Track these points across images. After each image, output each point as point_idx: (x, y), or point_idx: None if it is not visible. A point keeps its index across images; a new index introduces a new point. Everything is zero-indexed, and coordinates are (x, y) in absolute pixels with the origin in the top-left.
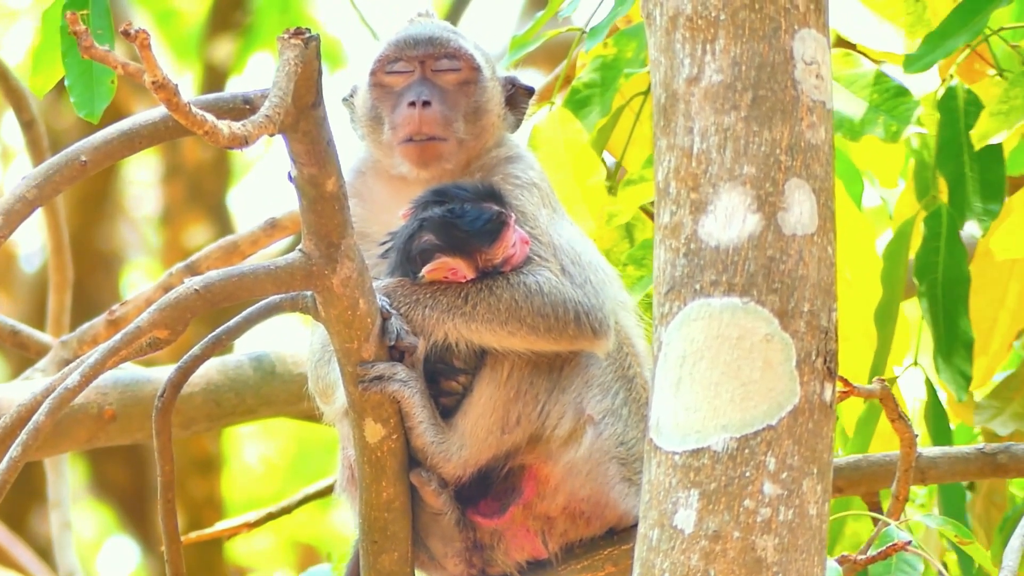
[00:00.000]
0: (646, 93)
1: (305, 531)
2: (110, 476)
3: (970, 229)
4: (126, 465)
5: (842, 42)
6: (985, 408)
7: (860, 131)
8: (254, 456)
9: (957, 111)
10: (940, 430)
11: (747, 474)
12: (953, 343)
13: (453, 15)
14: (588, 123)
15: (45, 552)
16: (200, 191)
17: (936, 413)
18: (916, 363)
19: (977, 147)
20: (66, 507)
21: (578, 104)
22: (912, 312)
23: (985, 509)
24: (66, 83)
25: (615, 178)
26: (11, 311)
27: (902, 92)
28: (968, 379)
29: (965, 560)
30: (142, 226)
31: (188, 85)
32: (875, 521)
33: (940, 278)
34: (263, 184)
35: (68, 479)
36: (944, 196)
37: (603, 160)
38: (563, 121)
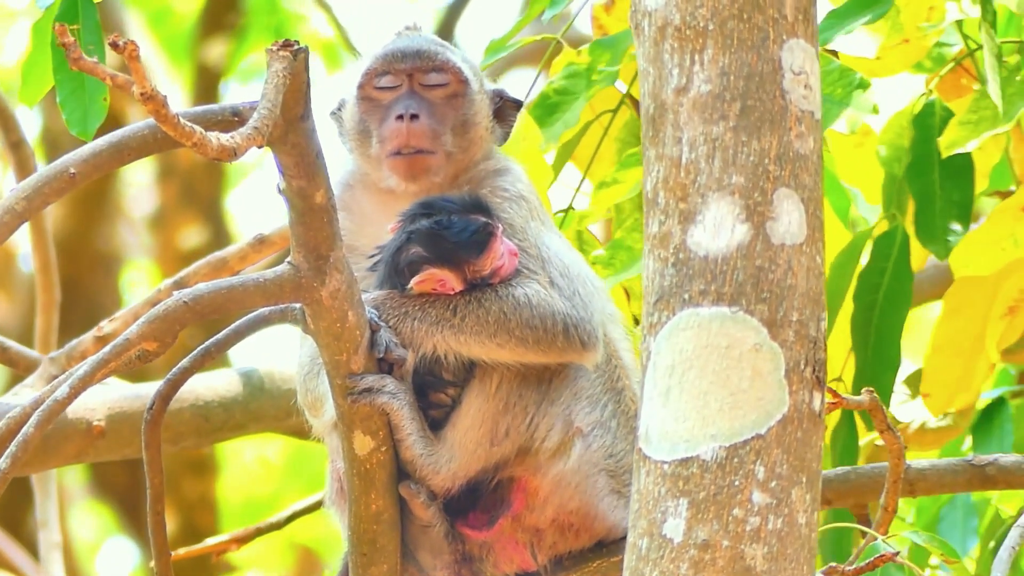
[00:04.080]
0: (615, 111)
1: (301, 533)
2: (109, 477)
3: (933, 259)
4: (125, 466)
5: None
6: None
7: (823, 125)
8: (250, 456)
9: (932, 128)
10: (848, 449)
11: (736, 483)
12: (879, 369)
13: (446, 26)
14: (555, 131)
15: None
16: (194, 193)
17: (848, 433)
18: (840, 379)
19: (944, 155)
20: (54, 527)
21: (547, 110)
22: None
23: None
24: (58, 100)
25: (576, 192)
26: (8, 311)
27: (864, 84)
28: (886, 404)
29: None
30: (140, 227)
31: (181, 87)
32: (863, 533)
33: (880, 301)
34: (259, 186)
35: (56, 499)
36: (910, 213)
37: (579, 169)
38: (524, 128)
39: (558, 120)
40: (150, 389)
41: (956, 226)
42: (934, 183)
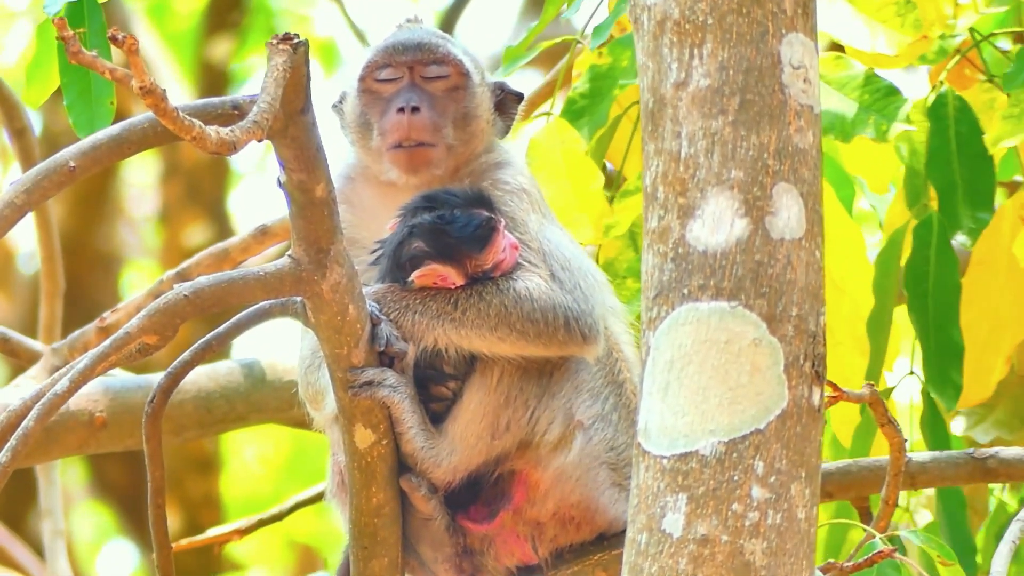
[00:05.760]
0: None
1: (302, 530)
2: (109, 478)
3: (961, 239)
4: (125, 467)
5: (834, 45)
6: (967, 415)
7: (851, 132)
8: (252, 454)
9: (947, 118)
10: (938, 439)
11: (735, 478)
12: (943, 354)
13: (449, 19)
14: (584, 134)
15: (43, 551)
16: (198, 191)
17: (934, 421)
18: (912, 372)
19: (991, 151)
20: (58, 515)
21: (574, 115)
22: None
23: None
24: (65, 103)
25: (616, 187)
26: (8, 311)
27: (892, 91)
28: (958, 390)
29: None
30: (141, 226)
31: (186, 85)
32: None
33: (930, 288)
34: (263, 183)
35: (60, 487)
36: (934, 204)
37: (605, 168)
38: (560, 131)
39: (587, 123)
40: (152, 380)
41: (981, 213)
42: (954, 172)
